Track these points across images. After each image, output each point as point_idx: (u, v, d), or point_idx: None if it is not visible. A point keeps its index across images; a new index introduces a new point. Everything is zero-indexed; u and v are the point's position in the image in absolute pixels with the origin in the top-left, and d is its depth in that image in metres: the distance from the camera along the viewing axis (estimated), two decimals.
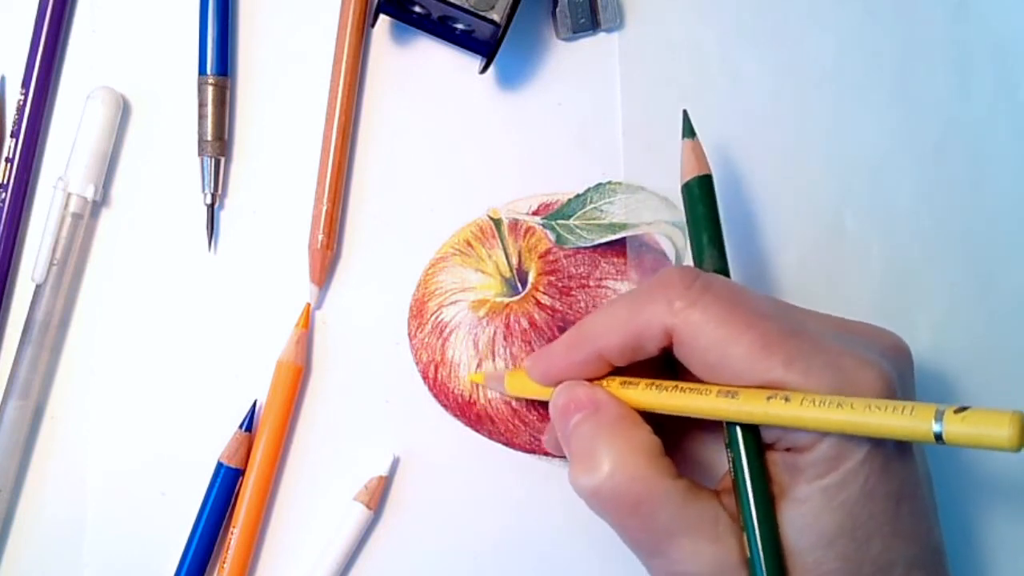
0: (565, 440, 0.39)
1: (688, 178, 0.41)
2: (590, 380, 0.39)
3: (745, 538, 0.35)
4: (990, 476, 0.47)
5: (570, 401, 0.39)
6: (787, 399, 0.34)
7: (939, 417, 0.30)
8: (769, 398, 0.34)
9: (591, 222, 0.46)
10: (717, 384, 0.36)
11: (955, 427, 0.30)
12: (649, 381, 0.38)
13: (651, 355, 0.38)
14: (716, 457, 0.40)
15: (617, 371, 0.39)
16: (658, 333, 0.36)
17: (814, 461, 0.35)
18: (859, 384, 0.34)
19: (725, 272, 0.39)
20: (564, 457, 0.42)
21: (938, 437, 0.30)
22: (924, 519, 0.36)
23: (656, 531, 0.36)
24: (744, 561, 0.35)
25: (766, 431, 0.36)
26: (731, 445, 0.37)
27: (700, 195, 0.40)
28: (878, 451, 0.34)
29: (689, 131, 0.41)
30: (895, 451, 0.35)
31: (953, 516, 0.46)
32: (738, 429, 0.36)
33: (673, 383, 0.37)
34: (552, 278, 0.46)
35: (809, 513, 0.35)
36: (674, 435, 0.40)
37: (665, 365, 0.39)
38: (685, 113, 0.42)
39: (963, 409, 0.30)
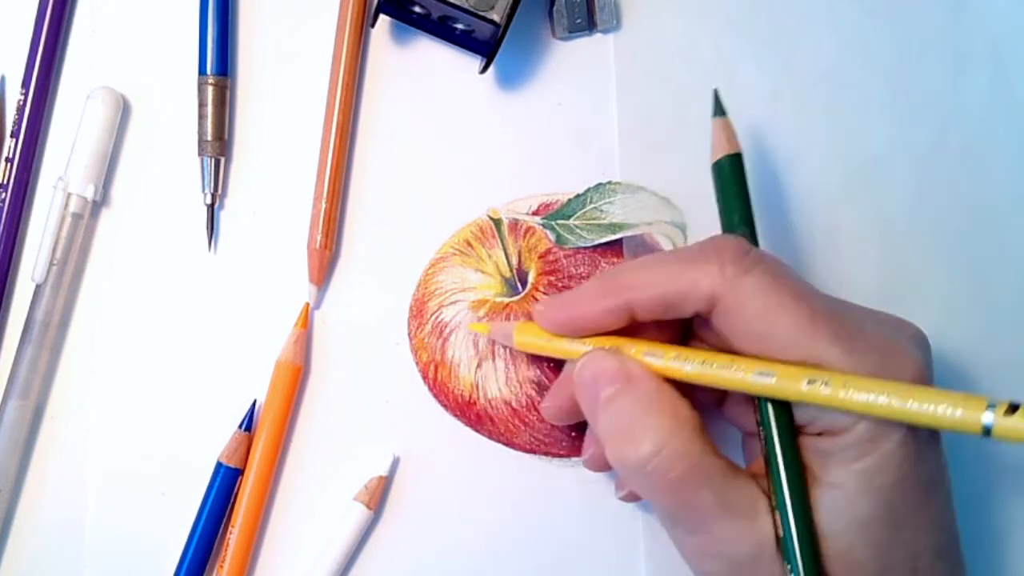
0: (593, 414, 0.37)
1: (718, 156, 0.40)
2: (608, 333, 0.38)
3: (778, 519, 0.35)
4: (999, 464, 0.47)
5: (597, 374, 0.37)
6: (827, 384, 0.33)
7: (991, 409, 0.30)
8: (810, 382, 0.33)
9: (591, 222, 0.46)
10: (755, 356, 0.35)
11: (1007, 421, 0.30)
12: (676, 351, 0.37)
13: (683, 316, 0.37)
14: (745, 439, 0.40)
15: (628, 333, 0.38)
16: (702, 296, 0.36)
17: (849, 444, 0.34)
18: (897, 368, 0.34)
19: None
20: (562, 455, 0.41)
21: (987, 430, 0.30)
22: (949, 509, 0.36)
23: (699, 509, 0.35)
24: (779, 544, 0.35)
25: (798, 413, 0.36)
26: (763, 424, 0.36)
27: (730, 174, 0.40)
28: (913, 435, 0.34)
29: (719, 110, 0.41)
30: (928, 436, 0.35)
31: (965, 505, 0.46)
32: (770, 408, 0.36)
33: (702, 354, 0.36)
34: (552, 278, 0.46)
35: (843, 497, 0.34)
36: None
37: (682, 334, 0.39)
38: (715, 92, 0.41)
39: (1016, 407, 0.30)
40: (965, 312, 0.48)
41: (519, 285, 0.46)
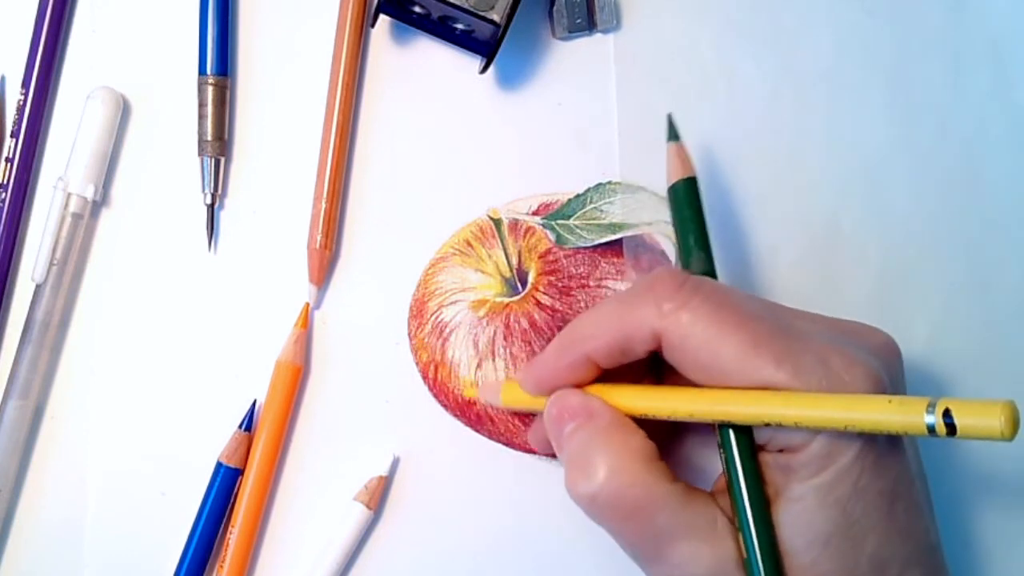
0: (559, 448, 0.39)
1: (673, 181, 0.41)
2: (579, 384, 0.39)
3: (741, 539, 0.36)
4: (986, 472, 0.47)
5: (563, 410, 0.39)
6: (778, 423, 0.34)
7: (931, 410, 0.30)
8: (766, 424, 0.34)
9: (591, 222, 0.46)
10: (707, 386, 0.36)
11: (946, 421, 0.30)
12: (639, 387, 0.38)
13: (639, 357, 0.38)
14: (709, 461, 0.41)
15: (605, 376, 0.39)
16: (647, 335, 0.36)
17: (806, 461, 0.35)
18: (848, 382, 0.34)
19: (712, 274, 0.40)
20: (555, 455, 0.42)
21: (930, 429, 0.30)
22: (919, 517, 0.36)
23: (655, 535, 0.36)
24: (742, 562, 0.36)
25: (757, 432, 0.37)
26: (724, 446, 0.37)
27: (685, 197, 0.40)
28: (870, 448, 0.34)
29: (673, 134, 0.42)
30: (887, 448, 0.35)
31: (951, 513, 0.46)
32: (730, 430, 0.37)
33: (663, 388, 0.37)
34: (552, 278, 0.46)
35: (804, 512, 0.35)
36: (665, 441, 0.40)
37: (651, 367, 0.40)
38: (669, 117, 0.42)
39: (952, 404, 0.30)
40: (965, 312, 0.48)
41: (519, 285, 0.46)
